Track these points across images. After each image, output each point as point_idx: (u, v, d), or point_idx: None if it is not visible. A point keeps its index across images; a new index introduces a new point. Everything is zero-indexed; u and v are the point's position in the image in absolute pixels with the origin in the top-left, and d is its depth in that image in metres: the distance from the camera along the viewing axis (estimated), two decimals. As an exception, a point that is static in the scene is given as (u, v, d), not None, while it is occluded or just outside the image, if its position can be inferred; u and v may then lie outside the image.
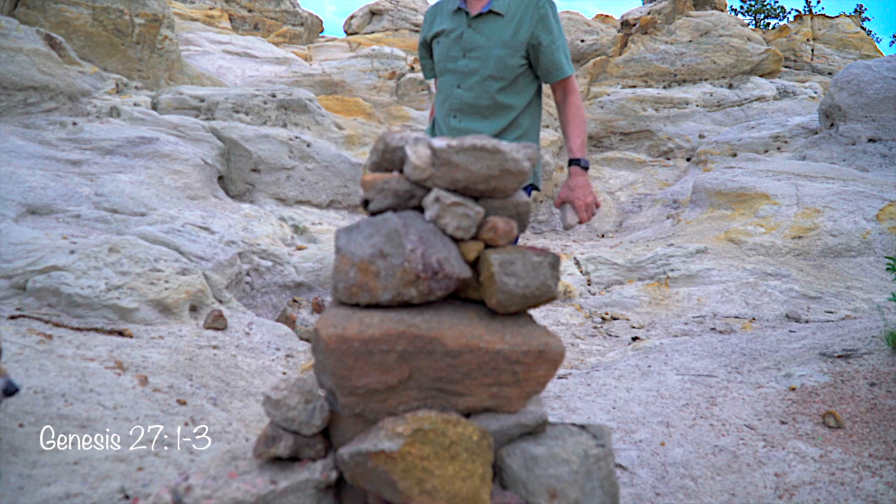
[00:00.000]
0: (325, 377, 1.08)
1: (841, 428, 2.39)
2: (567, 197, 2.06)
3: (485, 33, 2.06)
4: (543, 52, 2.08)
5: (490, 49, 2.05)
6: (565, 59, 2.12)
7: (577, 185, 2.05)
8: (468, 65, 2.09)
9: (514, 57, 2.05)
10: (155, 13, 6.01)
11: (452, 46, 2.12)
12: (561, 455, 1.10)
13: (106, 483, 1.66)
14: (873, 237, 5.13)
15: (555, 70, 2.12)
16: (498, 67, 2.06)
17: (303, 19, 11.76)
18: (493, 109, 2.11)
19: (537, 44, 2.06)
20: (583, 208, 2.03)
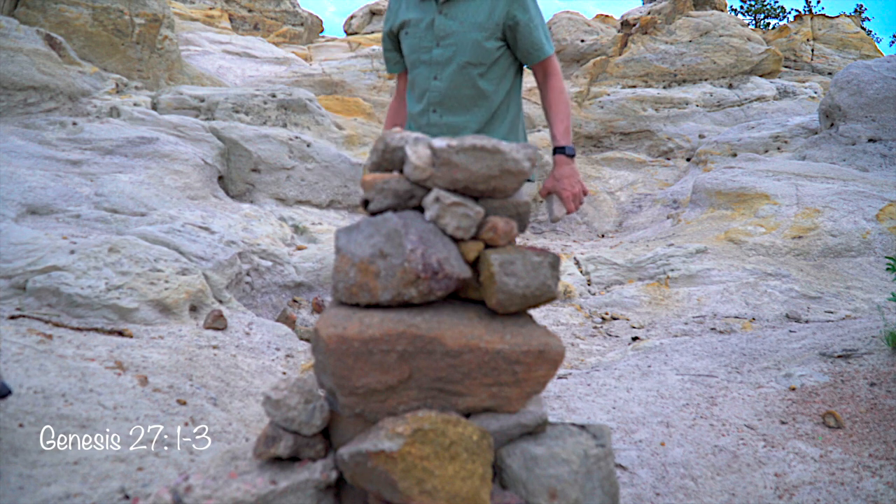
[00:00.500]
0: (325, 377, 1.08)
1: (841, 428, 2.39)
2: (553, 187, 1.95)
3: (457, 18, 1.93)
4: (521, 32, 1.95)
5: (465, 34, 1.92)
6: (545, 38, 1.99)
7: (563, 174, 1.93)
8: (443, 53, 1.95)
9: (490, 39, 1.93)
10: (155, 13, 6.01)
11: (424, 36, 1.98)
12: (561, 455, 1.10)
13: (106, 483, 1.66)
14: (873, 237, 5.13)
15: (534, 50, 1.98)
16: (475, 52, 1.93)
17: (303, 19, 11.76)
18: (474, 99, 1.98)
19: (514, 23, 1.93)
20: (570, 199, 1.93)
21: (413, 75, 2.05)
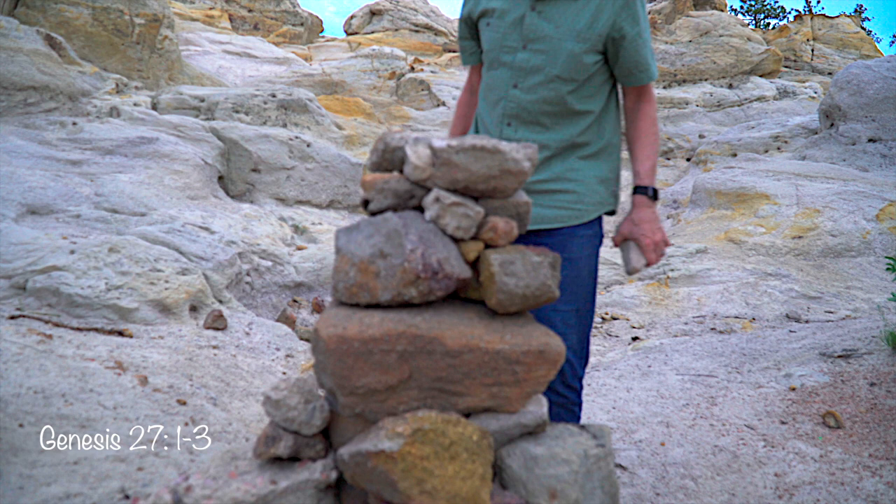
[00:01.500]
0: (325, 377, 1.08)
1: (841, 428, 2.39)
2: (631, 233, 1.66)
3: (553, 20, 1.60)
4: (626, 48, 1.62)
5: (560, 42, 1.59)
6: (651, 57, 1.67)
7: (643, 218, 1.65)
8: (530, 59, 1.64)
9: (590, 53, 1.60)
10: (155, 13, 6.01)
11: (509, 33, 1.66)
12: (561, 455, 1.10)
13: (106, 483, 1.66)
14: (873, 237, 5.13)
15: (638, 71, 1.66)
16: (569, 66, 1.61)
17: (303, 19, 11.76)
18: (557, 117, 1.67)
19: (619, 36, 1.60)
20: (650, 247, 1.64)
21: (490, 77, 1.74)
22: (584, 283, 1.68)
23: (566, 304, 1.63)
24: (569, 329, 1.64)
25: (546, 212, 1.68)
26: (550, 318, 1.62)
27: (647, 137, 1.71)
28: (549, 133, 1.67)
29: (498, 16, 1.69)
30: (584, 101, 1.66)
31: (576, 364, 1.69)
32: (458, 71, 8.95)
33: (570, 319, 1.65)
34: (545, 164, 1.67)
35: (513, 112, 1.69)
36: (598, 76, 1.67)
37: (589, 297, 1.70)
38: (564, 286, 1.60)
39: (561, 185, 1.68)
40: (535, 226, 1.68)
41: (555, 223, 1.68)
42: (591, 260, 1.70)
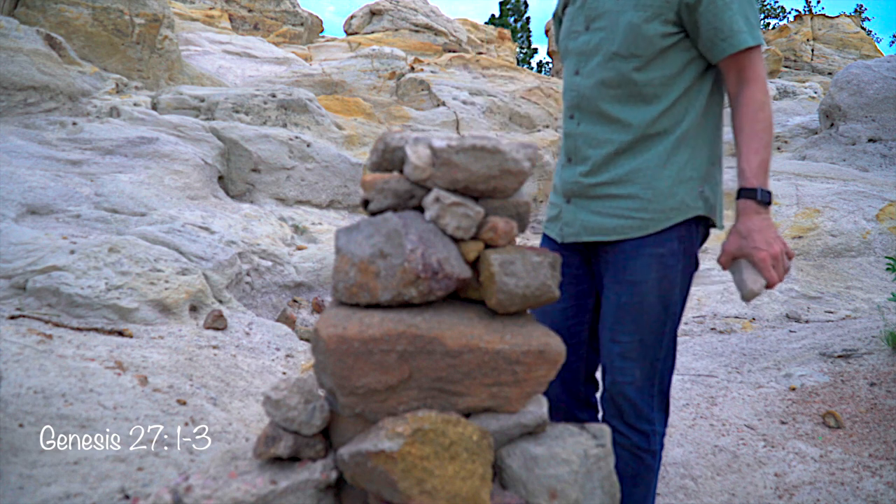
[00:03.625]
0: (325, 377, 1.08)
1: (841, 428, 2.39)
2: (740, 249, 1.30)
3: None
4: (703, 13, 1.32)
5: (619, 14, 1.37)
6: (742, 21, 1.32)
7: (753, 227, 1.29)
8: (590, 40, 1.43)
9: (653, 21, 1.34)
10: (155, 13, 6.01)
11: (576, 17, 1.48)
12: (561, 455, 1.10)
13: (106, 483, 1.66)
14: (873, 237, 5.13)
15: (720, 40, 1.32)
16: (628, 39, 1.36)
17: (303, 19, 11.76)
18: (624, 102, 1.41)
19: (693, 0, 1.32)
20: (767, 263, 1.26)
21: (563, 68, 1.56)
22: (651, 312, 1.40)
23: (626, 334, 1.42)
24: (628, 362, 1.43)
25: (600, 220, 1.43)
26: (610, 349, 1.45)
27: (751, 126, 1.32)
28: (615, 123, 1.41)
29: (572, 2, 1.51)
30: (656, 82, 1.38)
31: (639, 402, 1.44)
32: (458, 71, 8.96)
33: (631, 352, 1.43)
34: (609, 163, 1.41)
35: (574, 102, 1.48)
36: (677, 53, 1.38)
37: (659, 326, 1.41)
38: (623, 313, 1.41)
39: (623, 188, 1.40)
40: (588, 237, 1.45)
41: (609, 235, 1.42)
42: (663, 284, 1.39)
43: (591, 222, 1.43)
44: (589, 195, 1.44)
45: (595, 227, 1.43)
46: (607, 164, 1.41)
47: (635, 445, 1.46)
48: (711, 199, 1.43)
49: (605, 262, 1.46)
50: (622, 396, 1.45)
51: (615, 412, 1.47)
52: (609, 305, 1.46)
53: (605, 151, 1.41)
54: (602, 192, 1.42)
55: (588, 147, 1.44)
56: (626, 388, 1.44)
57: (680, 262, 1.40)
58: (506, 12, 27.44)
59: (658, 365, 1.44)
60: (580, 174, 1.45)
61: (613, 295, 1.44)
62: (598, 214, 1.42)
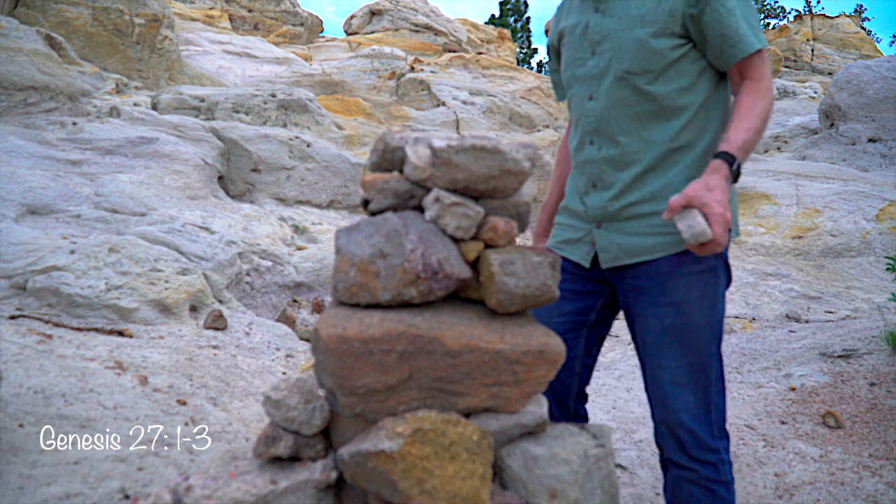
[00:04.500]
0: (325, 377, 1.08)
1: (841, 428, 2.39)
2: (699, 198, 1.21)
3: (615, 13, 1.41)
4: (708, 22, 1.33)
5: (624, 33, 1.38)
6: (746, 26, 1.33)
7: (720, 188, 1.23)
8: (598, 63, 1.43)
9: (661, 36, 1.35)
10: (155, 13, 6.01)
11: (579, 45, 1.48)
12: (561, 455, 1.10)
13: (106, 483, 1.66)
14: (873, 237, 5.13)
15: (727, 46, 1.33)
16: (638, 55, 1.36)
17: (303, 19, 11.76)
18: (644, 119, 1.39)
19: (698, 11, 1.33)
20: (721, 220, 1.19)
21: (569, 98, 1.55)
22: (697, 333, 1.35)
23: (673, 358, 1.36)
24: (680, 388, 1.36)
25: (639, 241, 1.39)
26: (657, 377, 1.39)
27: (748, 109, 1.31)
28: (637, 142, 1.39)
29: (570, 32, 1.52)
30: (674, 94, 1.37)
31: (698, 430, 1.36)
32: (458, 71, 8.96)
33: (681, 377, 1.36)
34: (638, 182, 1.39)
35: (591, 127, 1.46)
36: (688, 63, 1.38)
37: (707, 347, 1.36)
38: (668, 337, 1.36)
39: (655, 205, 1.37)
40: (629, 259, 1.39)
41: (651, 254, 1.37)
42: (706, 303, 1.35)
43: (628, 244, 1.39)
44: (621, 218, 1.41)
45: (634, 249, 1.39)
46: (636, 183, 1.39)
47: (704, 478, 1.36)
48: (735, 216, 1.43)
49: (638, 287, 1.40)
50: (680, 426, 1.36)
51: (676, 446, 1.38)
52: (651, 330, 1.39)
53: (633, 172, 1.39)
54: (634, 212, 1.39)
55: (614, 171, 1.42)
56: (681, 416, 1.36)
57: (718, 278, 1.37)
58: (506, 12, 27.44)
59: (711, 389, 1.38)
60: (608, 199, 1.42)
61: (655, 319, 1.37)
62: (635, 235, 1.39)
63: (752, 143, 1.30)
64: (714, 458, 1.37)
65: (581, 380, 1.60)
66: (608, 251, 1.43)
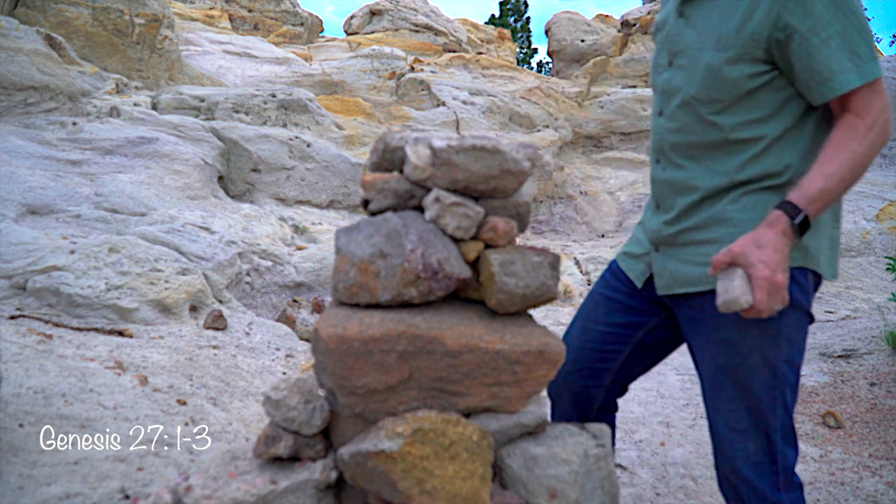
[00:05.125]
0: (325, 377, 1.08)
1: (841, 428, 2.39)
2: (746, 256, 1.09)
3: (697, 25, 1.25)
4: (796, 51, 1.14)
5: (698, 52, 1.23)
6: (846, 57, 1.13)
7: (773, 246, 1.09)
8: (672, 79, 1.30)
9: (738, 63, 1.18)
10: (155, 13, 6.01)
11: (661, 49, 1.37)
12: (561, 455, 1.10)
13: (106, 483, 1.66)
14: (873, 237, 5.13)
15: (817, 82, 1.15)
16: (706, 83, 1.22)
17: (303, 19, 11.76)
18: (708, 149, 1.27)
19: (785, 37, 1.14)
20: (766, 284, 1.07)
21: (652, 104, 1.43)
22: (756, 375, 1.22)
23: (729, 401, 1.25)
24: (737, 434, 1.24)
25: (687, 270, 1.28)
26: (713, 420, 1.29)
27: (837, 150, 1.12)
28: (700, 169, 1.28)
29: (660, 28, 1.39)
30: (743, 125, 1.21)
31: (759, 483, 1.24)
32: (458, 71, 8.96)
33: (738, 421, 1.24)
34: (692, 210, 1.28)
35: (658, 145, 1.37)
36: (770, 93, 1.20)
37: (769, 391, 1.22)
38: (724, 378, 1.25)
39: (706, 232, 1.26)
40: (679, 289, 1.30)
41: (695, 286, 1.26)
42: (764, 343, 1.20)
43: (679, 272, 1.30)
44: (675, 243, 1.32)
45: (683, 278, 1.29)
46: (692, 209, 1.29)
47: None
48: (813, 250, 1.22)
49: (692, 318, 1.30)
50: (736, 475, 1.25)
51: (734, 495, 1.28)
52: (706, 368, 1.30)
53: (691, 199, 1.29)
54: (687, 238, 1.30)
55: (674, 194, 1.33)
56: (738, 464, 1.25)
57: (785, 315, 1.19)
58: (506, 12, 27.44)
59: (775, 438, 1.24)
60: (664, 222, 1.35)
61: (709, 356, 1.28)
62: (686, 263, 1.29)
63: (833, 195, 1.12)
64: None
65: (609, 394, 1.52)
66: (661, 277, 1.35)
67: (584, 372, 1.49)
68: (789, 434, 1.27)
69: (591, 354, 1.48)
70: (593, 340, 1.48)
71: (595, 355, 1.48)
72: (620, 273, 1.50)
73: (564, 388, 1.51)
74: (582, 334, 1.50)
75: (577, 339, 1.51)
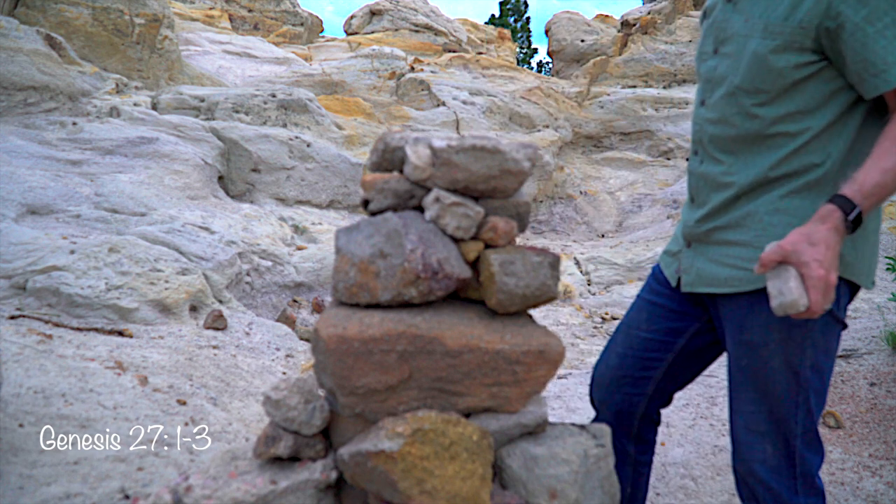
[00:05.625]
0: (325, 377, 1.08)
1: (841, 428, 2.39)
2: (798, 254, 1.03)
3: (745, 11, 1.21)
4: (848, 41, 1.10)
5: (745, 39, 1.20)
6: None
7: (826, 242, 1.04)
8: (717, 67, 1.27)
9: (785, 52, 1.15)
10: (155, 13, 6.01)
11: (707, 35, 1.33)
12: (561, 455, 1.10)
13: (106, 483, 1.66)
14: (873, 237, 5.12)
15: (871, 74, 1.10)
16: (751, 72, 1.18)
17: (303, 19, 11.76)
18: (747, 143, 1.23)
19: (836, 25, 1.10)
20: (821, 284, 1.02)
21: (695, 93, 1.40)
22: (777, 380, 1.20)
23: (749, 403, 1.24)
24: (755, 437, 1.24)
25: (714, 270, 1.26)
26: (733, 421, 1.29)
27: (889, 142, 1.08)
28: (738, 164, 1.24)
29: (708, 13, 1.35)
30: (786, 118, 1.17)
31: (774, 485, 1.22)
32: (458, 71, 8.96)
33: (757, 424, 1.23)
34: (725, 208, 1.25)
35: (697, 137, 1.33)
36: (816, 85, 1.16)
37: (790, 397, 1.20)
38: (744, 379, 1.24)
39: (736, 233, 1.23)
40: (703, 288, 1.29)
41: (721, 287, 1.25)
42: (789, 348, 1.18)
43: (705, 271, 1.28)
44: (707, 241, 1.29)
45: (709, 277, 1.27)
46: (725, 207, 1.26)
47: None
48: (848, 256, 1.17)
49: (723, 317, 1.28)
50: (753, 477, 1.25)
51: (749, 496, 1.28)
52: (731, 368, 1.29)
53: (725, 196, 1.25)
54: (718, 237, 1.26)
55: (709, 189, 1.29)
56: (755, 466, 1.24)
57: (811, 321, 1.16)
58: (506, 12, 27.45)
59: (795, 443, 1.22)
60: (697, 219, 1.31)
61: (733, 358, 1.28)
62: (713, 262, 1.26)
63: (889, 191, 1.07)
64: None
65: (652, 402, 1.47)
66: (689, 274, 1.33)
67: (626, 380, 1.45)
68: (812, 439, 1.24)
69: (633, 362, 1.44)
70: (635, 348, 1.44)
71: (637, 363, 1.44)
72: (661, 275, 1.46)
73: (608, 396, 1.47)
74: (625, 341, 1.46)
75: (621, 345, 1.47)
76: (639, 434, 1.50)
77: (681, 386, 1.49)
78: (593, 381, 1.53)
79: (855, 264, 1.20)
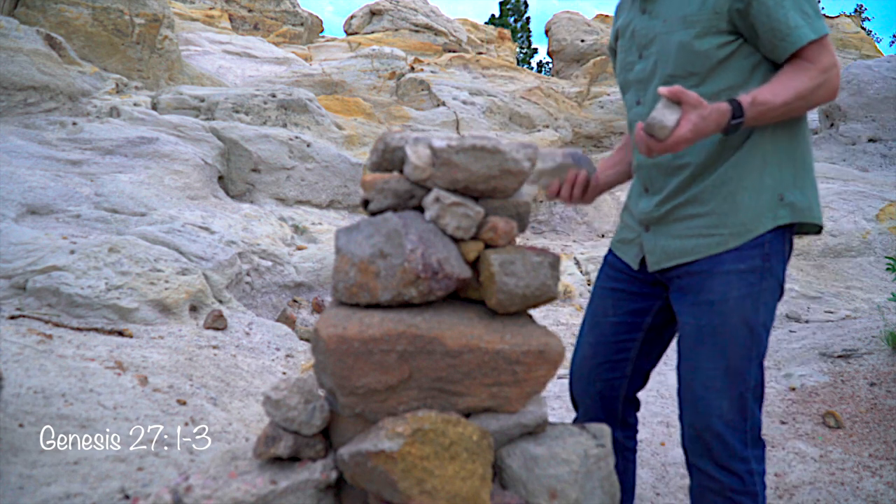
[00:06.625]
0: (325, 377, 1.08)
1: (841, 428, 2.39)
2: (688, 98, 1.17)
3: (660, 14, 1.36)
4: (756, 16, 1.26)
5: (668, 36, 1.34)
6: (799, 15, 1.25)
7: (708, 115, 1.19)
8: (645, 67, 1.40)
9: (706, 36, 1.30)
10: (155, 13, 6.01)
11: (629, 49, 1.46)
12: (561, 455, 1.10)
13: (106, 483, 1.66)
14: (873, 237, 5.13)
15: (779, 39, 1.26)
16: (681, 59, 1.32)
17: (303, 19, 11.76)
18: None
19: (743, 5, 1.26)
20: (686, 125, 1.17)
21: (625, 102, 1.52)
22: (735, 335, 1.29)
23: (708, 360, 1.30)
24: (713, 393, 1.30)
25: (679, 243, 1.37)
26: (690, 379, 1.33)
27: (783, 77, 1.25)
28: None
29: (622, 33, 1.50)
30: (722, 94, 1.30)
31: (729, 438, 1.29)
32: (458, 71, 8.96)
33: (714, 380, 1.30)
34: (684, 187, 1.36)
35: None
36: (738, 61, 1.31)
37: (745, 352, 1.30)
38: (703, 337, 1.31)
39: (698, 206, 1.35)
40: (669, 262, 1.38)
41: (688, 256, 1.35)
42: (746, 304, 1.29)
43: (670, 247, 1.38)
44: (666, 221, 1.39)
45: (674, 251, 1.37)
46: (683, 187, 1.36)
47: (728, 488, 1.30)
48: (801, 203, 1.32)
49: (680, 287, 1.37)
50: (710, 432, 1.30)
51: (702, 451, 1.32)
52: (687, 330, 1.35)
53: (681, 177, 1.36)
54: (678, 214, 1.37)
55: (664, 176, 1.39)
56: (713, 421, 1.30)
57: (764, 280, 1.30)
58: (506, 12, 27.45)
59: (748, 395, 1.30)
60: (655, 204, 1.41)
61: (691, 318, 1.34)
62: (677, 238, 1.37)
63: (773, 112, 1.24)
64: (741, 469, 1.30)
65: (632, 384, 1.54)
66: (653, 254, 1.42)
67: (605, 366, 1.52)
68: (759, 394, 1.34)
69: (608, 347, 1.51)
70: (607, 334, 1.52)
71: (612, 347, 1.52)
72: (617, 262, 1.54)
73: (590, 386, 1.54)
74: (594, 330, 1.54)
75: (591, 335, 1.55)
76: (623, 418, 1.56)
77: (654, 363, 1.57)
78: (573, 377, 1.60)
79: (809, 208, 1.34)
